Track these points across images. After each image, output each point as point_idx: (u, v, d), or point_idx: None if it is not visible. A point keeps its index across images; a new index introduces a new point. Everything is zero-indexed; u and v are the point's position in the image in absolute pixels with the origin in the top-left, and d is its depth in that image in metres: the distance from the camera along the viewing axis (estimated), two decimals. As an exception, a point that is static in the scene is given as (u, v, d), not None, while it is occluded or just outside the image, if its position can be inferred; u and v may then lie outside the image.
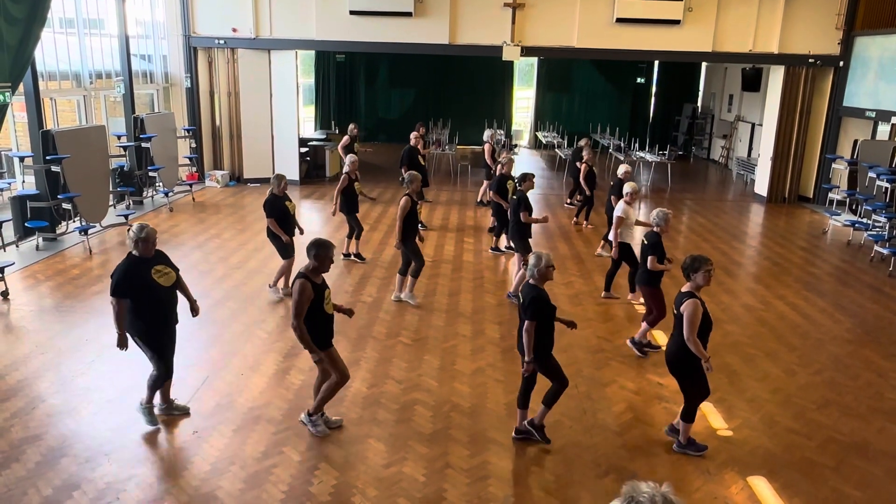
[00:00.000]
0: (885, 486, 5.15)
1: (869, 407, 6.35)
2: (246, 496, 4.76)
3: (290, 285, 8.17)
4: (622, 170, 10.04)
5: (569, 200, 14.62)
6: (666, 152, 18.81)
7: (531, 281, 5.28)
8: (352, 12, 14.61)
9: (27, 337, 7.24)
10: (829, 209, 13.93)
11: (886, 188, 11.83)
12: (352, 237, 10.15)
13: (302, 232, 8.62)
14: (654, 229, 7.04)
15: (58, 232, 10.87)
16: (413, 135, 12.78)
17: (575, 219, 12.98)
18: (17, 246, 10.24)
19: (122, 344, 5.40)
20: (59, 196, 10.56)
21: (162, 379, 5.53)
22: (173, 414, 5.74)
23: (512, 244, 9.45)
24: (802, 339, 7.86)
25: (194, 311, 5.76)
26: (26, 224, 10.29)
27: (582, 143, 13.88)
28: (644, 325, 7.30)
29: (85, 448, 5.24)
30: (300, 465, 5.13)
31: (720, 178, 19.48)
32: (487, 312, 8.35)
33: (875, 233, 11.72)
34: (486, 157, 13.68)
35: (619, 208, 8.47)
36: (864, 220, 12.53)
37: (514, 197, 8.75)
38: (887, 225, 11.62)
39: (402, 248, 8.38)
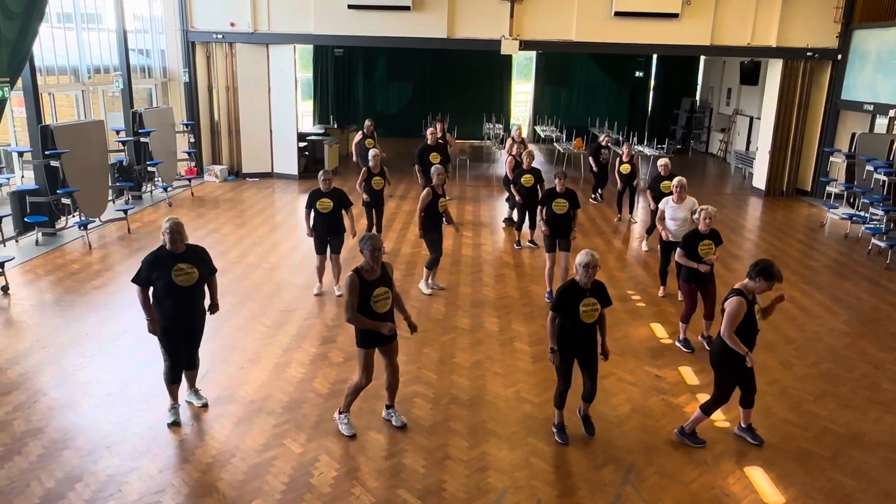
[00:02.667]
0: (881, 475, 5.20)
1: (865, 398, 6.40)
2: (247, 487, 4.80)
3: (338, 282, 8.45)
4: (661, 163, 10.09)
5: (593, 196, 14.55)
6: (664, 146, 18.82)
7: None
8: (350, 6, 14.61)
9: (28, 331, 7.27)
10: (827, 202, 13.97)
11: (884, 181, 11.87)
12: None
13: (354, 235, 8.41)
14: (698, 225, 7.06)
15: (57, 227, 10.89)
16: (429, 131, 12.27)
17: (623, 215, 12.92)
18: (16, 241, 10.26)
19: (150, 329, 5.37)
20: (58, 191, 10.58)
21: (169, 376, 5.52)
22: (192, 401, 5.77)
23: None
24: (800, 332, 7.90)
25: (210, 309, 5.69)
26: (25, 219, 10.31)
27: (602, 140, 13.79)
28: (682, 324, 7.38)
29: (87, 441, 5.27)
30: (301, 456, 5.17)
31: (718, 171, 19.50)
32: (486, 306, 8.39)
33: (872, 226, 11.75)
34: (506, 152, 13.70)
35: (663, 202, 8.44)
36: (862, 214, 12.56)
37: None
38: (884, 218, 11.66)
39: (424, 238, 8.50)
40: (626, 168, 12.26)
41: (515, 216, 11.30)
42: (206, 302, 5.66)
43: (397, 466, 5.09)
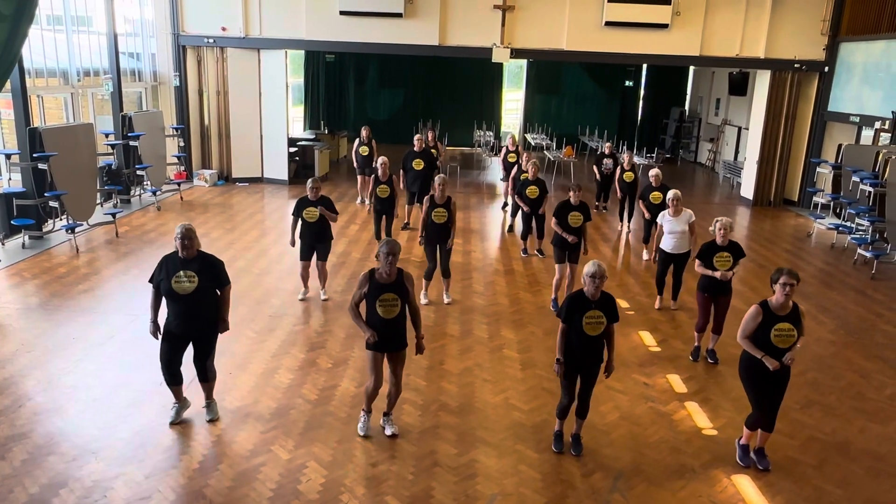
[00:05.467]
0: (866, 484, 5.24)
1: (851, 407, 6.45)
2: (234, 494, 4.77)
3: (323, 287, 8.60)
4: (652, 174, 10.23)
5: (597, 204, 14.57)
6: (654, 155, 18.94)
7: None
8: (342, 12, 14.63)
9: (13, 335, 7.20)
10: (814, 212, 14.09)
11: (869, 192, 11.98)
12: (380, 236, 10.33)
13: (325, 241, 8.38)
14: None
15: (44, 230, 10.80)
16: (416, 138, 12.23)
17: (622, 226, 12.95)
18: (2, 244, 10.17)
19: (152, 331, 5.49)
20: (45, 194, 10.50)
21: (164, 376, 5.53)
22: (179, 418, 5.68)
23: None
24: (786, 341, 7.94)
25: (219, 327, 5.57)
26: (12, 222, 10.22)
27: (606, 149, 13.84)
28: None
29: (72, 446, 5.22)
30: (288, 463, 5.15)
31: (707, 181, 19.64)
32: (476, 313, 8.39)
33: (858, 236, 11.87)
34: (500, 160, 13.83)
35: (660, 216, 8.43)
36: (848, 224, 12.68)
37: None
38: (870, 228, 11.77)
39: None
40: (629, 176, 12.27)
41: (517, 225, 11.31)
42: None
43: (385, 473, 5.08)
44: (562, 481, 5.09)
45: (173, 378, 5.55)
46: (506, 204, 14.23)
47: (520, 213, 11.12)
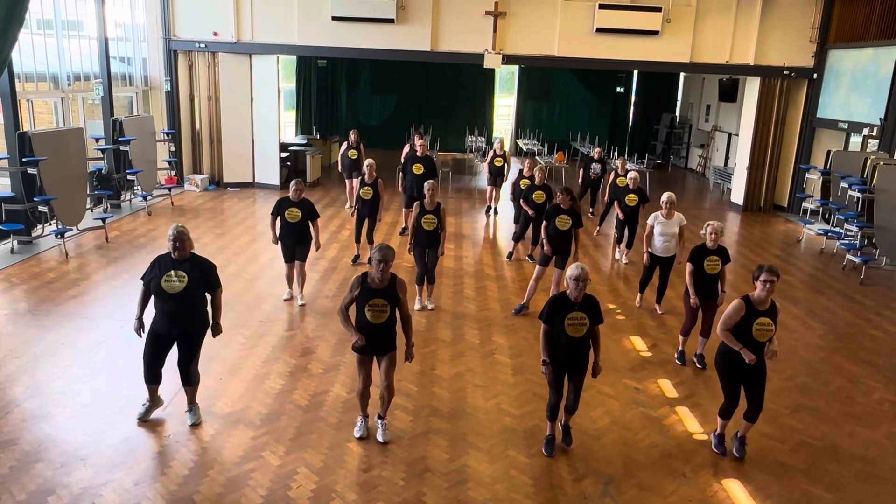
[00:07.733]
0: (855, 488, 5.27)
1: (840, 411, 6.49)
2: (224, 501, 4.74)
3: (301, 291, 8.59)
4: (630, 176, 10.37)
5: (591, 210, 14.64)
6: (644, 161, 19.02)
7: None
8: (334, 18, 14.64)
9: (1, 341, 7.13)
10: (803, 218, 14.18)
11: (858, 198, 12.06)
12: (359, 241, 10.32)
13: (318, 247, 8.47)
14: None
15: (33, 235, 10.72)
16: (419, 143, 12.25)
17: (602, 228, 13.04)
18: (-9, 249, 10.10)
19: (135, 328, 5.53)
20: (35, 198, 10.43)
21: (144, 375, 5.54)
22: (148, 416, 5.70)
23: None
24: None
25: (212, 330, 5.63)
26: (1, 227, 10.14)
27: (595, 154, 13.90)
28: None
29: (60, 453, 5.18)
30: (279, 469, 5.13)
31: (697, 186, 19.73)
32: (467, 318, 8.39)
33: (847, 242, 11.95)
34: (486, 164, 13.86)
35: (651, 217, 8.44)
36: (837, 230, 12.76)
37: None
38: (859, 234, 11.86)
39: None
40: (622, 181, 12.24)
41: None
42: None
43: (377, 479, 5.06)
44: (553, 486, 5.09)
45: (153, 377, 5.56)
46: (489, 209, 14.25)
47: (520, 217, 11.15)
